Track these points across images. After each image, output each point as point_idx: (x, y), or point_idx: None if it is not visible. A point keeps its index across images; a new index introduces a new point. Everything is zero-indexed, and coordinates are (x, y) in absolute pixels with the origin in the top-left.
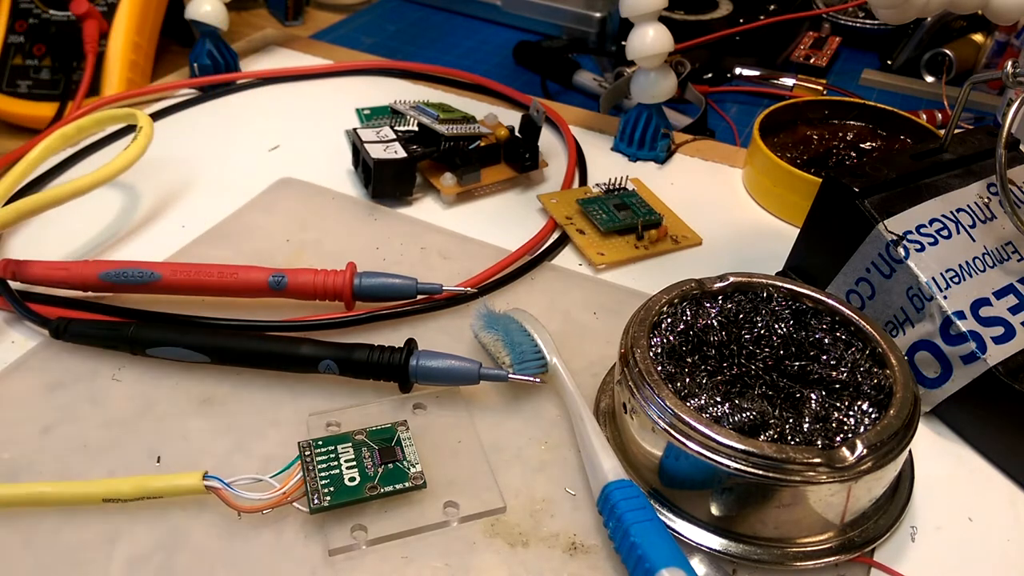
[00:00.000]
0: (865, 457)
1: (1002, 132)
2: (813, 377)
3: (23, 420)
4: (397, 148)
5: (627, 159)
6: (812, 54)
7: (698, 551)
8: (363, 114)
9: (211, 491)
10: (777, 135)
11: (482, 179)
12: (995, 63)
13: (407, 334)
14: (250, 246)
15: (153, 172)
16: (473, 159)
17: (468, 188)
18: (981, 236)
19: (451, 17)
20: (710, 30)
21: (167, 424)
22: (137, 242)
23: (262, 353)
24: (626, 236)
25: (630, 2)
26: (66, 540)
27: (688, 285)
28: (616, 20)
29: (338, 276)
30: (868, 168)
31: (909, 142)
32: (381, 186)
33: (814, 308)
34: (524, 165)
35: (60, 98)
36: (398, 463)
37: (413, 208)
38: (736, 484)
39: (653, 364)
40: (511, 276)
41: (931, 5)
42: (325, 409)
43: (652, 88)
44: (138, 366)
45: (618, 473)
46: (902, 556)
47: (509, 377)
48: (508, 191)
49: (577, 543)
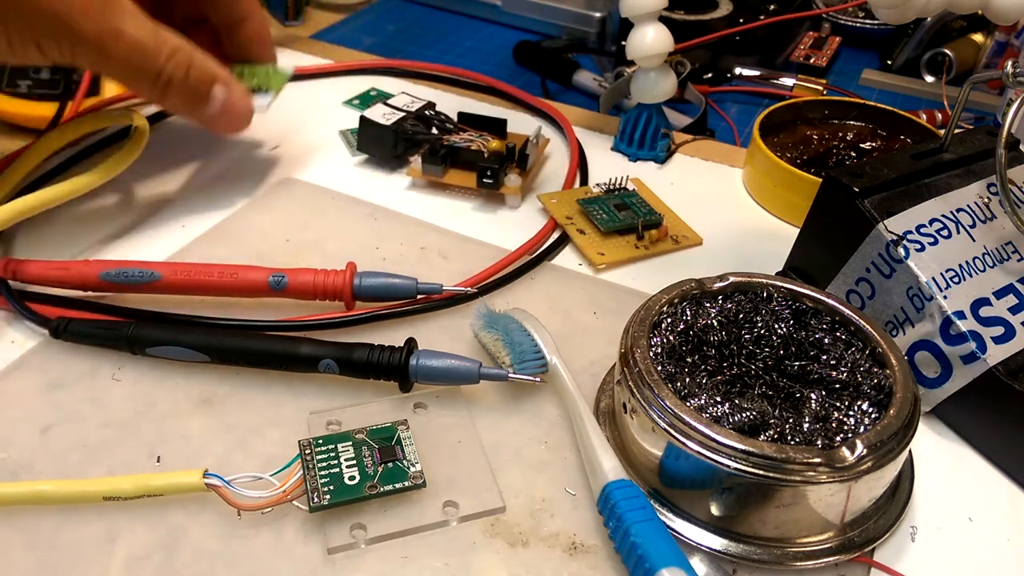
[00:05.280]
0: (865, 457)
1: (1002, 132)
2: (813, 377)
3: (23, 419)
4: (392, 118)
5: (627, 159)
6: (812, 54)
7: (698, 551)
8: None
9: (211, 489)
10: (777, 135)
11: (444, 177)
12: (995, 63)
13: (407, 334)
14: (250, 246)
15: (153, 172)
16: (440, 153)
17: (428, 178)
18: (981, 236)
19: (451, 17)
20: (710, 30)
21: (167, 424)
22: (137, 242)
23: (262, 353)
24: (626, 236)
25: (630, 2)
26: (66, 539)
27: (688, 285)
28: (616, 20)
29: (338, 276)
30: (868, 168)
31: (909, 142)
32: (364, 142)
33: (814, 308)
34: (482, 180)
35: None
36: (398, 462)
37: (413, 208)
38: (736, 484)
39: (653, 364)
40: (511, 276)
41: (931, 5)
42: (325, 408)
43: (652, 88)
44: (138, 366)
45: (618, 473)
46: (902, 556)
47: (509, 377)
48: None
49: (577, 543)
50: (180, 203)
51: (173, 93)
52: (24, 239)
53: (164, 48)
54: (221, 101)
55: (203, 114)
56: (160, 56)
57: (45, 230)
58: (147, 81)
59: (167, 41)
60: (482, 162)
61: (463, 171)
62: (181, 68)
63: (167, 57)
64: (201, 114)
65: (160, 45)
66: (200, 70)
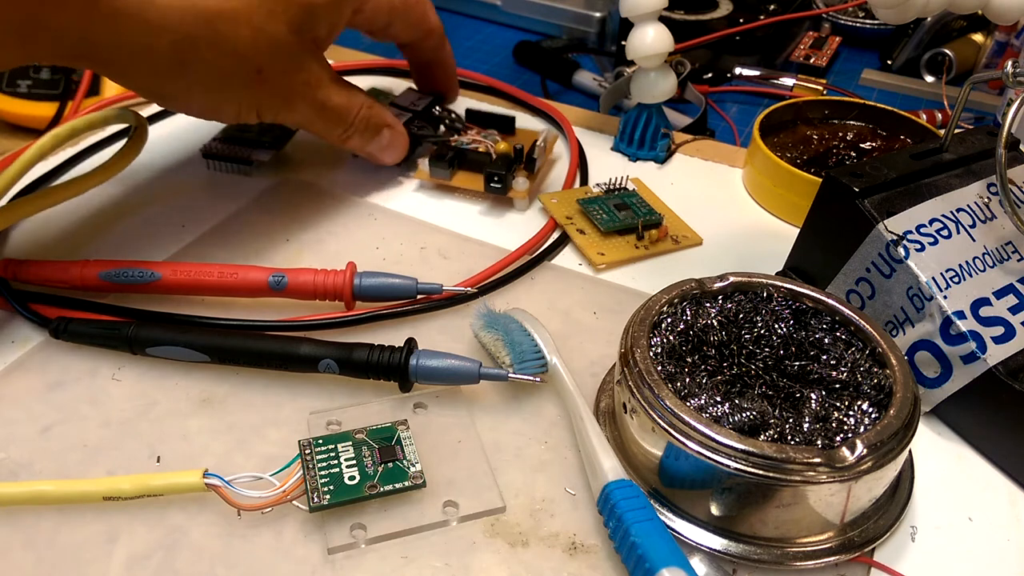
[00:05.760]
0: (865, 457)
1: (1002, 132)
2: (813, 377)
3: (23, 419)
4: (402, 118)
5: (627, 159)
6: (812, 54)
7: (698, 551)
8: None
9: (211, 489)
10: (777, 135)
11: (452, 180)
12: (995, 63)
13: (407, 334)
14: (250, 246)
15: (153, 172)
16: (448, 156)
17: (436, 180)
18: (981, 236)
19: (451, 17)
20: (710, 30)
21: (167, 424)
22: (137, 242)
23: (262, 352)
24: (626, 236)
25: (630, 2)
26: (66, 539)
27: (688, 285)
28: (616, 20)
29: (338, 276)
30: (868, 168)
31: (909, 142)
32: None
33: (814, 308)
34: (489, 185)
35: (60, 98)
36: (398, 462)
37: (413, 208)
38: (736, 484)
39: (653, 364)
40: (511, 276)
41: (931, 5)
42: (325, 408)
43: (652, 88)
44: (138, 366)
45: (618, 473)
46: (902, 556)
47: (509, 377)
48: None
49: (577, 543)
50: (180, 203)
51: (352, 138)
52: (24, 239)
53: (354, 108)
54: (387, 141)
55: (370, 151)
56: (351, 115)
57: (45, 230)
58: (336, 132)
59: (357, 102)
60: (489, 165)
61: (470, 173)
62: (363, 121)
63: (355, 115)
64: (368, 151)
65: (352, 107)
66: (376, 122)
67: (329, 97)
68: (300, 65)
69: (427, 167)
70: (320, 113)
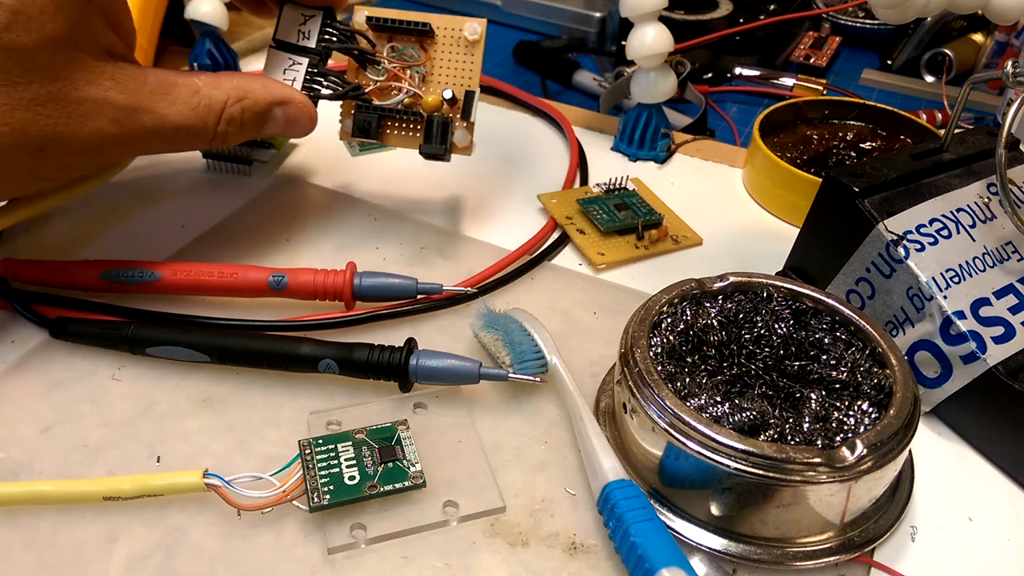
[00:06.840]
0: (865, 457)
1: (1002, 132)
2: (813, 377)
3: (23, 419)
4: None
5: (627, 159)
6: (812, 54)
7: (698, 551)
8: None
9: (211, 489)
10: (777, 135)
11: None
12: (995, 63)
13: (407, 334)
14: (250, 246)
15: (154, 172)
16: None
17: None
18: (981, 236)
19: None
20: (710, 30)
21: (167, 424)
22: (137, 242)
23: (262, 352)
24: (626, 236)
25: (630, 2)
26: (66, 539)
27: (688, 285)
28: (616, 20)
29: (338, 276)
30: (868, 168)
31: (909, 142)
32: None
33: (814, 308)
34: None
35: None
36: (398, 462)
37: (413, 208)
38: (736, 484)
39: (653, 364)
40: (511, 276)
41: (931, 5)
42: (325, 408)
43: (652, 88)
44: (138, 366)
45: (618, 473)
46: (902, 556)
47: (509, 377)
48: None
49: (577, 543)
50: (180, 203)
51: (234, 138)
52: (24, 239)
53: (210, 118)
54: (282, 120)
55: (270, 133)
56: (208, 127)
57: (45, 230)
58: (206, 143)
59: (211, 108)
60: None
61: (403, 133)
62: (235, 123)
63: (215, 122)
64: (268, 134)
65: (205, 117)
66: (252, 111)
67: (166, 119)
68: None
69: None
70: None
